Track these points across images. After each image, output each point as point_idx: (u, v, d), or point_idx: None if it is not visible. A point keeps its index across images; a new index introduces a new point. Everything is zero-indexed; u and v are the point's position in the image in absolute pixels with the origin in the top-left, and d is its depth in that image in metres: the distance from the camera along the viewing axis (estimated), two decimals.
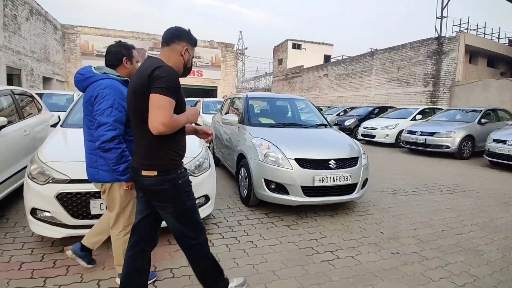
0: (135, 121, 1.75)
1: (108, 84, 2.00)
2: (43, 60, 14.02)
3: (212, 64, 20.50)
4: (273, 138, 3.94)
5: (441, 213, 4.17)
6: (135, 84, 1.69)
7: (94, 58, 17.68)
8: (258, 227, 3.50)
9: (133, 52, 2.23)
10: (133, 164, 1.80)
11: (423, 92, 16.38)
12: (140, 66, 1.77)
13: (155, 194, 1.76)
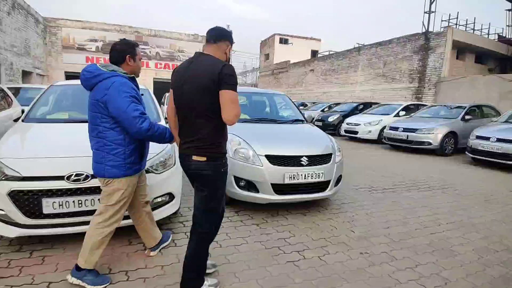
0: (191, 111, 1.91)
1: (121, 82, 2.06)
2: (23, 54, 13.68)
3: None
4: (245, 134, 3.78)
5: (417, 211, 4.08)
6: (203, 80, 1.84)
7: (75, 52, 17.27)
8: (226, 226, 3.35)
9: (136, 50, 2.25)
10: (184, 152, 1.99)
11: (408, 88, 16.40)
12: (199, 63, 1.91)
13: (199, 177, 1.98)
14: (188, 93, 1.91)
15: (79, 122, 3.47)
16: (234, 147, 3.59)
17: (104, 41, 17.74)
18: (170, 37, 19.19)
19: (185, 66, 2.00)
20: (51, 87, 4.16)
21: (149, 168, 2.82)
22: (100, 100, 2.06)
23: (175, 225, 3.30)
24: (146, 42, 18.53)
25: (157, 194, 2.91)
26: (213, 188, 2.00)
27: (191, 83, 1.89)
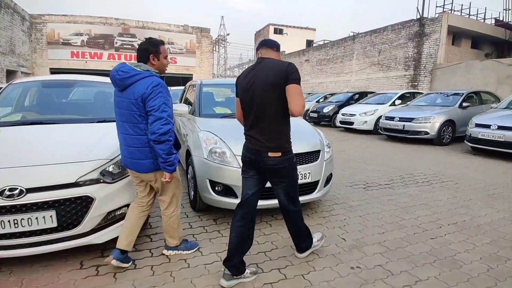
0: (263, 110, 2.08)
1: (159, 82, 2.13)
2: (8, 53, 13.17)
3: (186, 51, 19.30)
4: (223, 131, 3.37)
5: (415, 210, 3.70)
6: (272, 78, 2.02)
7: (59, 47, 16.60)
8: (200, 238, 2.95)
9: (160, 48, 2.26)
10: (255, 148, 2.13)
11: (404, 76, 15.96)
12: (264, 65, 2.10)
13: (277, 171, 2.15)
14: (258, 94, 2.08)
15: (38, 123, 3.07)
16: (209, 147, 3.17)
17: (89, 35, 17.07)
18: (159, 28, 18.47)
19: (249, 72, 2.18)
20: (9, 86, 3.71)
21: (98, 177, 2.41)
22: (139, 98, 2.11)
23: (138, 241, 2.88)
24: (134, 34, 17.85)
25: (112, 208, 2.49)
26: (292, 178, 2.25)
27: (261, 84, 2.06)
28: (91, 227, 2.39)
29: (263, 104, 2.07)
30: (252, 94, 2.10)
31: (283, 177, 2.20)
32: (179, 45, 19.12)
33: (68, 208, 2.27)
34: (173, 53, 18.93)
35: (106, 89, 3.75)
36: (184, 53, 19.28)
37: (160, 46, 2.28)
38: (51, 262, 2.46)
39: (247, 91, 2.13)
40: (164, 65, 2.34)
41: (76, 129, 3.03)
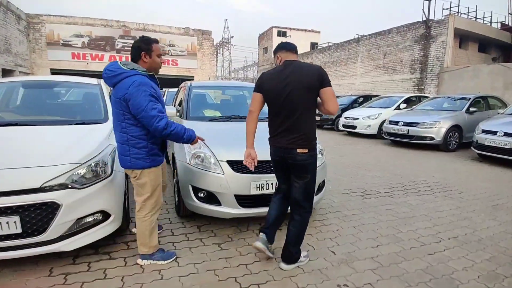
0: (295, 110, 2.21)
1: (140, 82, 2.11)
2: (3, 52, 13.03)
3: (188, 53, 19.21)
4: (208, 135, 3.17)
5: (414, 221, 3.47)
6: (307, 81, 2.18)
7: (59, 48, 16.55)
8: (179, 247, 2.77)
9: (152, 46, 2.26)
10: (284, 145, 2.27)
11: (410, 79, 15.64)
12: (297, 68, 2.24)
13: (303, 166, 2.27)
14: (293, 96, 2.20)
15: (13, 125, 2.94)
16: (192, 151, 2.98)
17: (90, 36, 17.02)
18: (160, 30, 18.41)
19: (278, 74, 2.29)
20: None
21: (66, 182, 2.24)
22: (122, 98, 2.13)
23: (116, 247, 2.72)
24: (134, 37, 17.64)
25: (81, 214, 2.33)
26: (313, 174, 2.36)
27: (296, 87, 2.19)
28: (59, 234, 2.25)
29: (297, 105, 2.21)
30: (286, 96, 2.21)
31: (307, 172, 2.31)
32: (180, 47, 18.99)
33: (33, 214, 2.14)
34: (174, 55, 18.86)
35: (89, 90, 3.61)
36: (185, 55, 19.16)
37: (152, 44, 2.28)
38: (22, 267, 2.36)
39: (279, 93, 2.24)
40: (157, 63, 2.33)
41: (51, 132, 2.88)
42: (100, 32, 17.21)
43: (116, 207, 2.60)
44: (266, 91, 2.33)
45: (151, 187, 2.34)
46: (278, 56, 2.39)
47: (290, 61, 2.29)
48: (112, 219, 2.56)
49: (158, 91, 2.27)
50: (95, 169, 2.45)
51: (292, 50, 2.36)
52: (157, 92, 2.24)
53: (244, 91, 4.59)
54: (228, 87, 4.74)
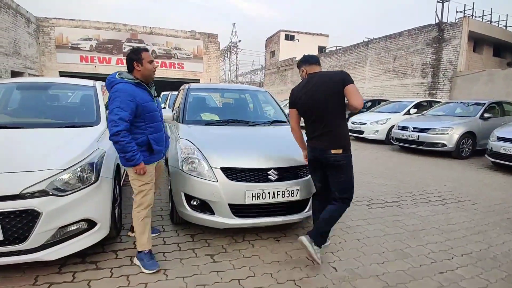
0: (326, 115, 2.43)
1: (118, 88, 2.27)
2: (12, 54, 13.05)
3: (193, 56, 19.11)
4: (203, 139, 3.04)
5: (424, 235, 3.23)
6: (332, 87, 2.39)
7: (68, 51, 16.65)
8: (170, 258, 2.60)
9: (142, 55, 2.38)
10: (319, 146, 2.47)
11: (421, 84, 15.24)
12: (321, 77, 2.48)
13: (338, 166, 2.44)
14: (320, 100, 2.43)
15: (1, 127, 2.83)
16: (184, 156, 2.82)
17: (98, 40, 17.09)
18: (166, 34, 18.36)
19: (304, 87, 2.54)
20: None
21: (47, 189, 2.10)
22: None
23: (102, 257, 2.57)
24: (142, 40, 17.78)
25: (64, 223, 2.19)
26: (349, 173, 2.51)
27: (323, 91, 2.42)
28: (41, 243, 2.14)
29: (327, 110, 2.42)
30: (316, 104, 2.44)
31: (341, 172, 2.46)
32: (186, 51, 18.89)
33: (13, 222, 2.04)
34: (180, 59, 18.77)
35: (83, 92, 3.50)
36: (191, 58, 19.05)
37: (142, 53, 2.39)
38: (9, 274, 2.28)
39: (310, 103, 2.47)
40: (149, 69, 2.41)
41: (37, 135, 2.75)
42: (107, 35, 17.28)
43: (102, 215, 2.46)
44: (300, 105, 2.56)
45: (139, 184, 2.41)
46: (304, 69, 2.60)
47: (314, 73, 2.53)
48: (98, 227, 2.42)
49: (142, 97, 2.35)
50: (80, 175, 2.31)
51: (316, 62, 2.60)
52: (137, 98, 2.30)
53: (246, 94, 4.43)
54: (228, 90, 4.57)
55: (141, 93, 2.36)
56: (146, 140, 2.39)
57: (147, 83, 2.48)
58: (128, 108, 2.23)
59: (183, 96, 4.00)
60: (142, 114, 2.35)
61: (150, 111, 2.39)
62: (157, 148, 2.46)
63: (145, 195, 2.44)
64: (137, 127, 2.35)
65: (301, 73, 2.63)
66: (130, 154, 2.25)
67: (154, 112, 2.45)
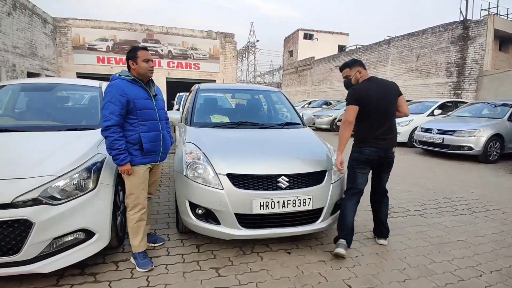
0: (390, 116, 2.78)
1: (111, 84, 2.35)
2: (29, 55, 13.13)
3: (210, 56, 18.96)
4: (209, 144, 2.87)
5: (450, 248, 2.94)
6: (394, 93, 2.82)
7: (85, 52, 16.79)
8: (172, 271, 2.45)
9: (138, 53, 2.39)
10: (384, 146, 2.74)
11: (446, 84, 14.57)
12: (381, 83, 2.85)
13: (390, 162, 2.86)
14: (390, 103, 2.76)
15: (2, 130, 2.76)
16: (189, 161, 2.66)
17: (114, 40, 17.17)
18: (182, 34, 18.27)
19: (370, 87, 2.74)
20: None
21: (40, 198, 1.98)
22: None
23: (104, 268, 2.44)
24: (158, 40, 17.76)
25: (59, 233, 2.08)
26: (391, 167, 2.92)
27: (392, 95, 2.79)
28: (35, 254, 2.02)
29: (390, 112, 2.77)
30: (384, 105, 2.72)
31: (391, 167, 2.89)
32: (202, 51, 18.77)
33: (5, 232, 1.93)
34: (196, 59, 18.65)
35: (89, 93, 3.40)
36: (207, 58, 18.92)
37: (138, 51, 2.41)
38: (5, 285, 2.18)
39: (378, 103, 2.69)
40: (144, 68, 2.40)
41: (35, 139, 2.64)
42: (124, 36, 17.34)
43: (101, 225, 2.33)
44: (366, 103, 2.68)
45: (130, 185, 2.40)
46: (360, 71, 2.81)
47: (374, 77, 2.84)
48: (96, 238, 2.30)
49: (136, 93, 2.37)
50: (76, 182, 2.19)
51: (364, 67, 2.89)
52: (129, 94, 2.32)
53: (258, 94, 4.23)
54: (239, 90, 4.38)
55: (135, 90, 2.37)
56: (138, 137, 2.37)
57: (146, 82, 2.47)
58: (118, 102, 2.26)
59: (192, 97, 3.85)
60: (134, 111, 2.34)
61: (143, 108, 2.38)
62: (148, 147, 2.41)
63: (136, 198, 2.41)
64: (130, 124, 2.36)
65: (357, 73, 2.80)
66: (115, 152, 2.26)
67: (149, 110, 2.43)
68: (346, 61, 2.97)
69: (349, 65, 2.87)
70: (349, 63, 2.89)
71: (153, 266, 2.45)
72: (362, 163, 2.75)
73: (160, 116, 2.53)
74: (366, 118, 2.71)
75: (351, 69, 2.83)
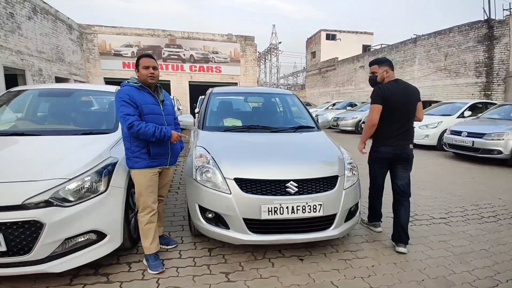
0: (411, 117, 2.91)
1: (120, 90, 2.45)
2: (55, 60, 13.51)
3: (231, 59, 19.09)
4: (219, 148, 2.87)
5: (472, 258, 2.76)
6: (417, 96, 2.93)
7: (111, 58, 17.35)
8: (182, 274, 2.45)
9: (140, 61, 2.50)
10: (401, 143, 2.87)
11: (475, 84, 13.80)
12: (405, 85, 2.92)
13: (410, 159, 2.94)
14: (411, 105, 2.87)
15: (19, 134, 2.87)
16: (199, 165, 2.66)
17: (139, 46, 17.65)
18: (203, 38, 18.54)
19: (397, 88, 2.84)
20: (5, 93, 3.63)
21: (51, 200, 2.04)
22: None
23: (117, 269, 2.49)
24: (180, 45, 18.10)
25: (70, 234, 2.12)
26: (412, 166, 2.99)
27: (413, 98, 2.89)
28: (46, 254, 2.07)
29: (412, 113, 2.89)
30: (407, 106, 2.84)
31: (411, 164, 2.96)
32: (223, 54, 18.91)
33: (16, 233, 1.99)
34: (217, 62, 18.85)
35: (106, 98, 3.50)
36: (228, 62, 19.07)
37: (140, 59, 2.51)
38: (19, 284, 2.24)
39: (403, 104, 2.82)
40: (143, 75, 2.47)
41: (50, 142, 2.73)
42: (148, 41, 17.81)
43: (112, 226, 2.37)
44: (391, 103, 2.79)
45: (138, 187, 2.44)
46: (387, 71, 2.89)
47: (399, 79, 2.92)
48: (108, 239, 2.34)
49: (142, 99, 2.44)
50: (87, 184, 2.24)
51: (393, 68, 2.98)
52: (136, 99, 2.40)
53: (271, 97, 4.18)
54: (252, 93, 4.35)
55: (141, 96, 2.45)
56: (145, 141, 2.43)
57: (153, 88, 2.55)
58: (128, 105, 2.35)
59: (205, 101, 3.87)
60: (142, 115, 2.41)
61: (149, 113, 2.45)
62: (155, 151, 2.45)
63: (144, 201, 2.45)
64: None
65: (384, 73, 2.89)
66: (158, 132, 2.35)
67: (156, 115, 2.49)
68: (378, 58, 3.07)
69: (378, 62, 2.96)
70: (380, 60, 2.97)
71: (164, 268, 2.47)
72: (380, 160, 2.97)
73: (168, 121, 2.57)
74: (389, 118, 2.81)
75: (380, 66, 2.92)
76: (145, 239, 2.48)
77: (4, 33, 9.97)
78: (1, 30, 9.85)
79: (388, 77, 2.88)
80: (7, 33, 10.11)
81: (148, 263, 2.48)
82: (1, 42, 9.82)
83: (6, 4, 10.10)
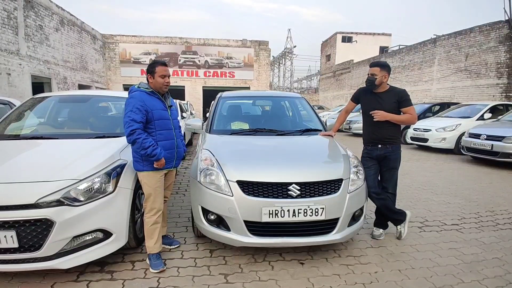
0: None
1: (131, 95, 2.49)
2: (79, 69, 14.27)
3: (244, 64, 19.50)
4: (223, 150, 2.90)
5: (483, 267, 2.67)
6: None
7: (131, 66, 18.06)
8: (183, 274, 2.49)
9: (156, 68, 2.53)
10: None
11: (497, 85, 13.26)
12: None
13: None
14: None
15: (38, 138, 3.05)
16: (203, 167, 2.70)
17: (157, 54, 18.32)
18: (219, 44, 19.01)
19: None
20: (30, 99, 3.87)
21: (62, 199, 2.17)
22: None
23: (121, 267, 2.56)
24: (195, 52, 18.67)
25: (78, 232, 2.23)
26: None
27: None
28: (55, 251, 2.19)
29: None
30: None
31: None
32: (237, 59, 19.30)
33: (28, 230, 2.11)
34: (231, 67, 19.27)
35: (121, 103, 3.64)
36: (242, 66, 19.43)
37: (156, 67, 2.53)
38: (28, 280, 2.34)
39: None
40: (159, 83, 2.54)
41: (64, 145, 2.89)
42: (165, 49, 18.48)
43: (118, 226, 2.47)
44: None
45: (147, 190, 2.51)
46: (386, 77, 2.98)
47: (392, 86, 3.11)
48: (114, 238, 2.44)
49: (153, 104, 2.50)
50: (96, 185, 2.34)
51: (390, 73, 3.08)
52: (148, 105, 2.46)
53: (279, 101, 4.18)
54: (260, 97, 4.37)
55: (152, 101, 2.51)
56: None
57: (162, 94, 2.63)
58: (138, 112, 2.39)
59: (214, 104, 3.93)
60: (152, 120, 2.48)
61: (160, 118, 2.53)
62: (165, 155, 2.53)
63: (153, 202, 2.52)
64: (148, 133, 2.48)
65: (381, 76, 2.92)
66: (151, 149, 2.37)
67: (165, 120, 2.57)
68: (379, 60, 3.06)
69: (381, 66, 2.93)
70: (383, 64, 2.96)
71: (165, 267, 2.53)
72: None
73: (174, 125, 2.68)
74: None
75: (381, 70, 2.91)
76: (150, 239, 2.54)
77: (33, 44, 10.63)
78: (30, 41, 10.47)
79: (385, 82, 2.97)
80: (36, 44, 10.78)
81: (150, 262, 2.55)
82: (30, 53, 10.43)
83: (36, 17, 10.72)
